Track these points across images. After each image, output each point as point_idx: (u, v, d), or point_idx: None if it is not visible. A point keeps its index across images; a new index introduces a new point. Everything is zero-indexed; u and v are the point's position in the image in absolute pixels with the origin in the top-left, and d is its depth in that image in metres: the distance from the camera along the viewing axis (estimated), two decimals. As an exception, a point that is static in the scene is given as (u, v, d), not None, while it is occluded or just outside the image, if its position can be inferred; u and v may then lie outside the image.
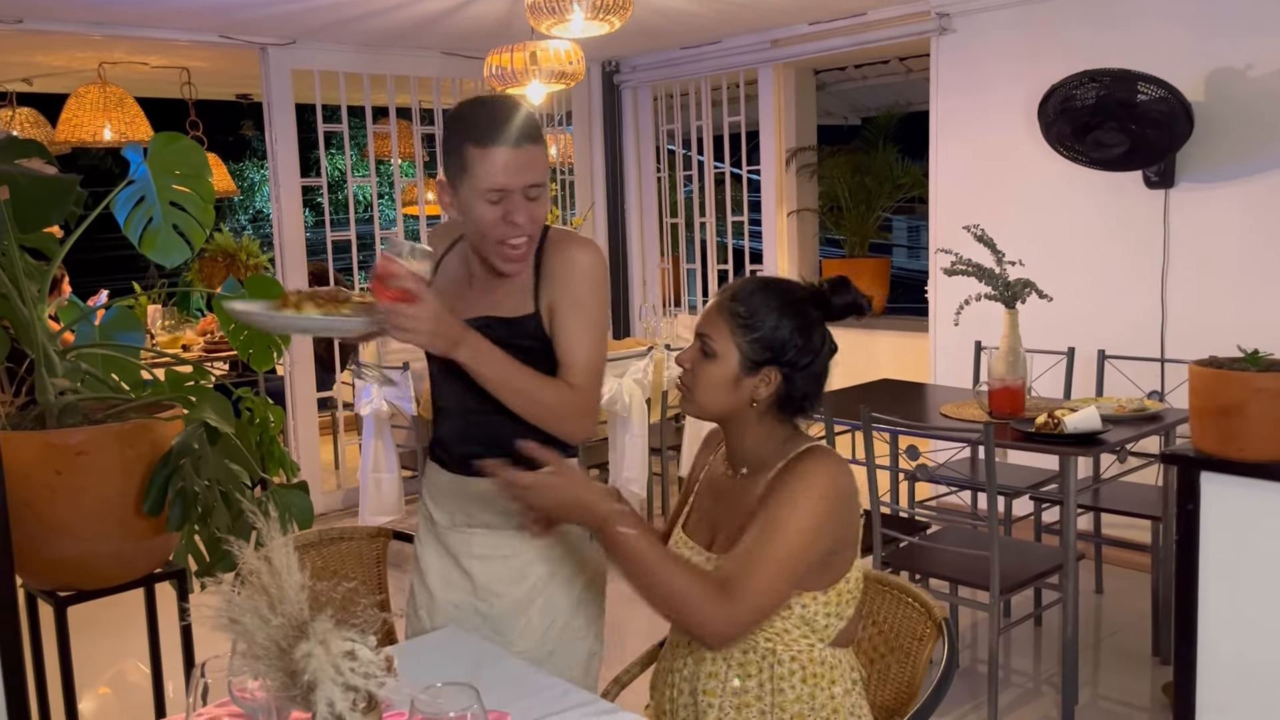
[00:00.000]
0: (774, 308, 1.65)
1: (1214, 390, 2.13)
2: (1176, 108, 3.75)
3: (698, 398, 1.69)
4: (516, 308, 1.83)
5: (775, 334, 1.64)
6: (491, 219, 1.73)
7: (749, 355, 1.65)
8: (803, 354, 1.65)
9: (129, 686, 3.58)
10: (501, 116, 1.72)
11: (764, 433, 1.70)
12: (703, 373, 1.67)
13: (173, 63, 5.61)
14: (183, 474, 2.25)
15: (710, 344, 1.67)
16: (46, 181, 2.24)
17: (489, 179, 1.70)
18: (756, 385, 1.66)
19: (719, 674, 1.68)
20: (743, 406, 1.68)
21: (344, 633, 1.09)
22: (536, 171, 1.73)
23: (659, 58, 6.03)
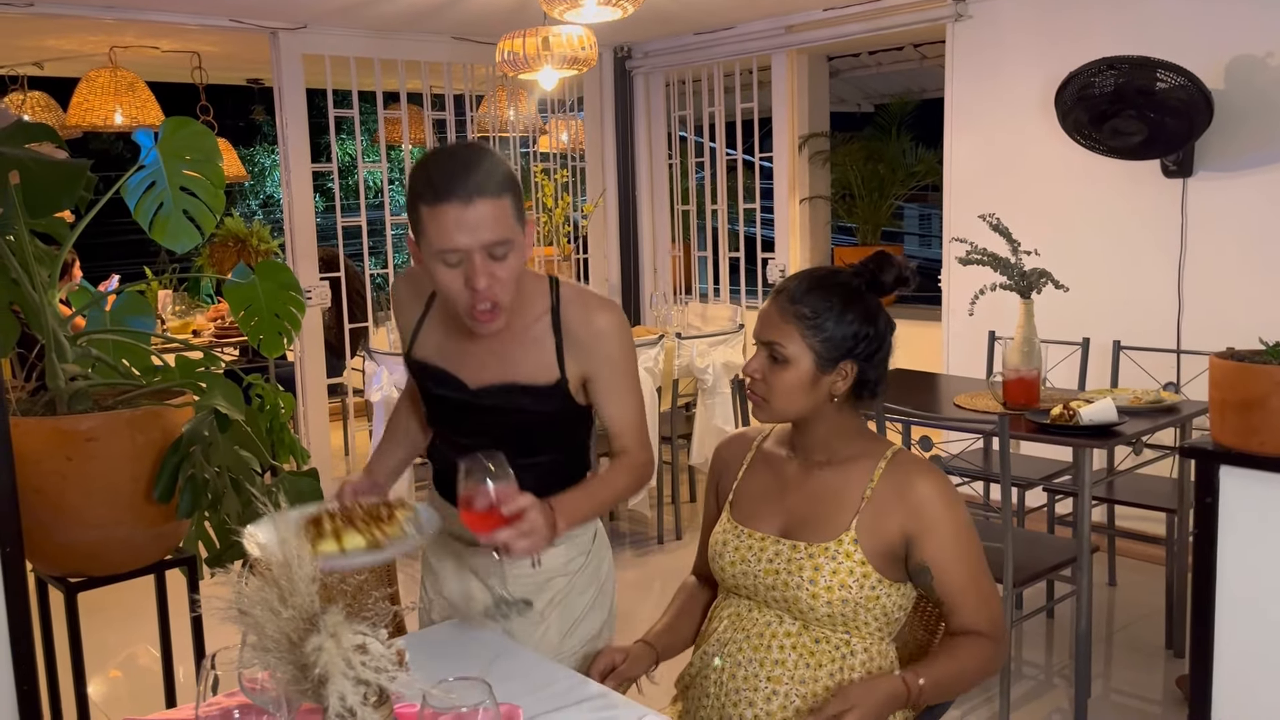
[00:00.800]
0: (836, 303, 1.66)
1: (1234, 383, 2.10)
2: (1196, 96, 3.70)
3: (776, 405, 1.70)
4: (540, 374, 1.75)
5: (845, 329, 1.66)
6: (450, 283, 1.60)
7: (823, 354, 1.66)
8: (873, 342, 1.68)
9: (139, 671, 3.59)
10: (452, 170, 1.57)
11: (839, 423, 1.73)
12: (777, 380, 1.68)
13: (183, 47, 5.60)
14: (193, 461, 2.24)
15: (780, 350, 1.67)
16: (57, 166, 2.23)
17: (440, 239, 1.57)
18: (834, 381, 1.67)
19: (785, 661, 1.68)
20: (821, 402, 1.69)
21: (355, 626, 1.08)
22: (496, 228, 1.57)
23: (672, 43, 5.99)
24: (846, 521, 1.67)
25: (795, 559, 1.67)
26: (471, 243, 1.57)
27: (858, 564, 1.65)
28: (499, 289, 1.61)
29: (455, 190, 1.55)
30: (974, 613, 1.68)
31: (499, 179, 1.59)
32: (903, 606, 1.71)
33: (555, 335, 1.74)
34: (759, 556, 1.72)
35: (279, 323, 2.68)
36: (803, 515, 1.72)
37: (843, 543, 1.66)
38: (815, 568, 1.65)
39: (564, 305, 1.76)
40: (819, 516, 1.70)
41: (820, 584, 1.65)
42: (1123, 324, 4.10)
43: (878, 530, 1.66)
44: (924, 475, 1.67)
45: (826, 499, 1.71)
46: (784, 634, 1.69)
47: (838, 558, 1.65)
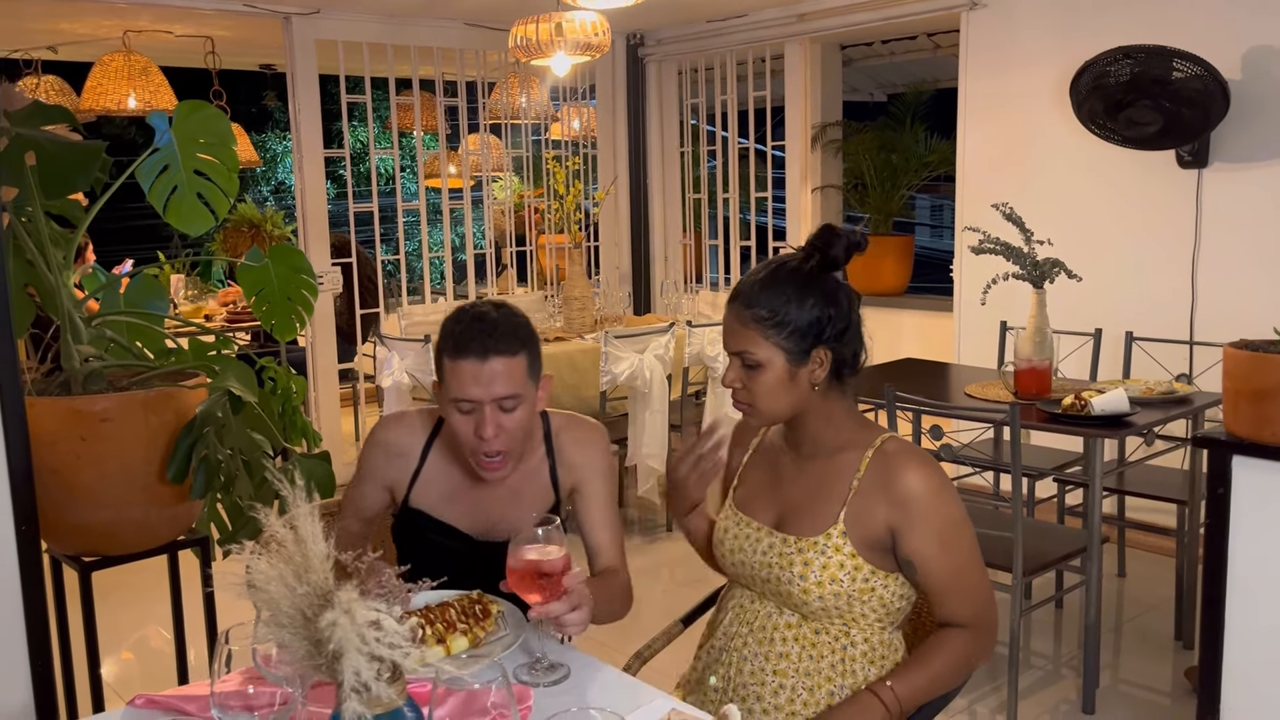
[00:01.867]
0: (791, 294, 1.63)
1: (1249, 373, 2.10)
2: (1213, 86, 3.68)
3: (762, 408, 1.68)
4: (539, 504, 1.89)
5: (808, 317, 1.63)
6: (462, 430, 1.76)
7: (792, 349, 1.64)
8: (838, 322, 1.65)
9: (152, 652, 3.61)
10: (475, 330, 1.74)
11: (828, 410, 1.70)
12: (756, 385, 1.66)
13: (197, 31, 5.60)
14: (206, 442, 2.25)
15: (751, 356, 1.65)
16: (73, 147, 2.24)
17: (456, 389, 1.74)
18: (812, 370, 1.65)
19: (789, 654, 1.68)
20: (806, 395, 1.67)
21: (369, 602, 1.08)
22: (508, 383, 1.73)
23: (684, 31, 5.98)
24: (834, 514, 1.65)
25: (786, 553, 1.67)
26: (483, 395, 1.73)
27: (848, 557, 1.63)
28: (506, 439, 1.76)
29: (474, 348, 1.73)
30: (957, 606, 1.66)
31: (516, 339, 1.76)
32: (904, 596, 1.69)
33: (549, 459, 1.91)
34: (755, 547, 1.72)
35: (291, 306, 2.69)
36: (795, 507, 1.71)
37: (831, 536, 1.64)
38: (805, 562, 1.64)
39: (556, 432, 1.93)
40: (809, 509, 1.68)
41: (811, 579, 1.63)
42: (1135, 315, 4.09)
43: (865, 522, 1.64)
44: (910, 466, 1.63)
45: (817, 491, 1.69)
46: (785, 625, 1.69)
47: (827, 551, 1.64)
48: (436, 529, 1.91)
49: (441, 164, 6.01)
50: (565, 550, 1.54)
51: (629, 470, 4.97)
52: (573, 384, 4.51)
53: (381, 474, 1.94)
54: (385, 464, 1.94)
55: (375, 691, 1.05)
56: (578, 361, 4.54)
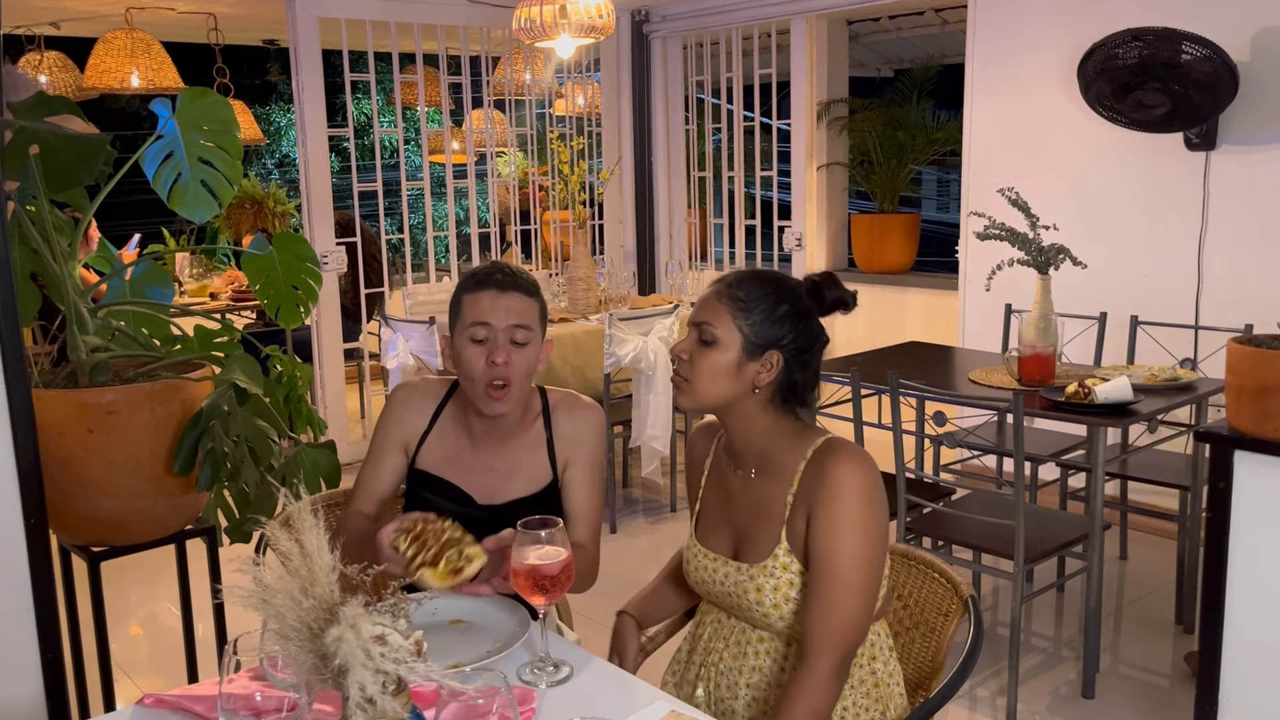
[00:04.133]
0: (771, 294, 1.65)
1: (1252, 369, 2.10)
2: (1221, 68, 3.65)
3: (698, 387, 1.66)
4: (538, 478, 1.95)
5: (776, 318, 1.64)
6: (473, 359, 1.85)
7: (751, 339, 1.64)
8: (802, 338, 1.65)
9: (160, 632, 3.65)
10: (496, 268, 1.89)
11: (769, 424, 1.68)
12: (703, 361, 1.65)
13: (200, 8, 5.57)
14: (212, 434, 2.26)
15: (711, 330, 1.65)
16: (76, 140, 2.23)
17: (473, 316, 1.85)
18: (759, 370, 1.65)
19: (762, 668, 1.69)
20: (744, 394, 1.66)
21: (374, 617, 1.09)
22: (522, 315, 1.86)
23: (690, 7, 5.93)
24: (777, 534, 1.64)
25: (740, 581, 1.67)
26: (499, 322, 1.84)
27: (796, 575, 1.63)
28: (513, 371, 1.84)
29: (495, 280, 1.87)
30: (815, 620, 1.57)
31: (532, 286, 1.90)
32: None
33: (547, 432, 1.96)
34: (714, 577, 1.73)
35: (296, 294, 2.69)
36: (744, 532, 1.70)
37: (777, 557, 1.64)
38: (758, 588, 1.64)
39: (553, 407, 1.99)
40: (756, 533, 1.68)
41: (767, 602, 1.64)
42: (1141, 299, 4.08)
43: (798, 529, 1.62)
44: (840, 457, 1.60)
45: (760, 513, 1.68)
46: (757, 639, 1.70)
47: (775, 574, 1.63)
48: (441, 489, 1.95)
49: (445, 139, 5.99)
50: (567, 552, 1.55)
51: (633, 452, 4.99)
52: (577, 365, 4.51)
53: (398, 431, 1.99)
54: (400, 419, 1.99)
55: (381, 705, 1.07)
56: (583, 343, 4.55)
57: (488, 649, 1.57)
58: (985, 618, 3.61)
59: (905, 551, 1.97)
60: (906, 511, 3.20)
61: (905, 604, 1.95)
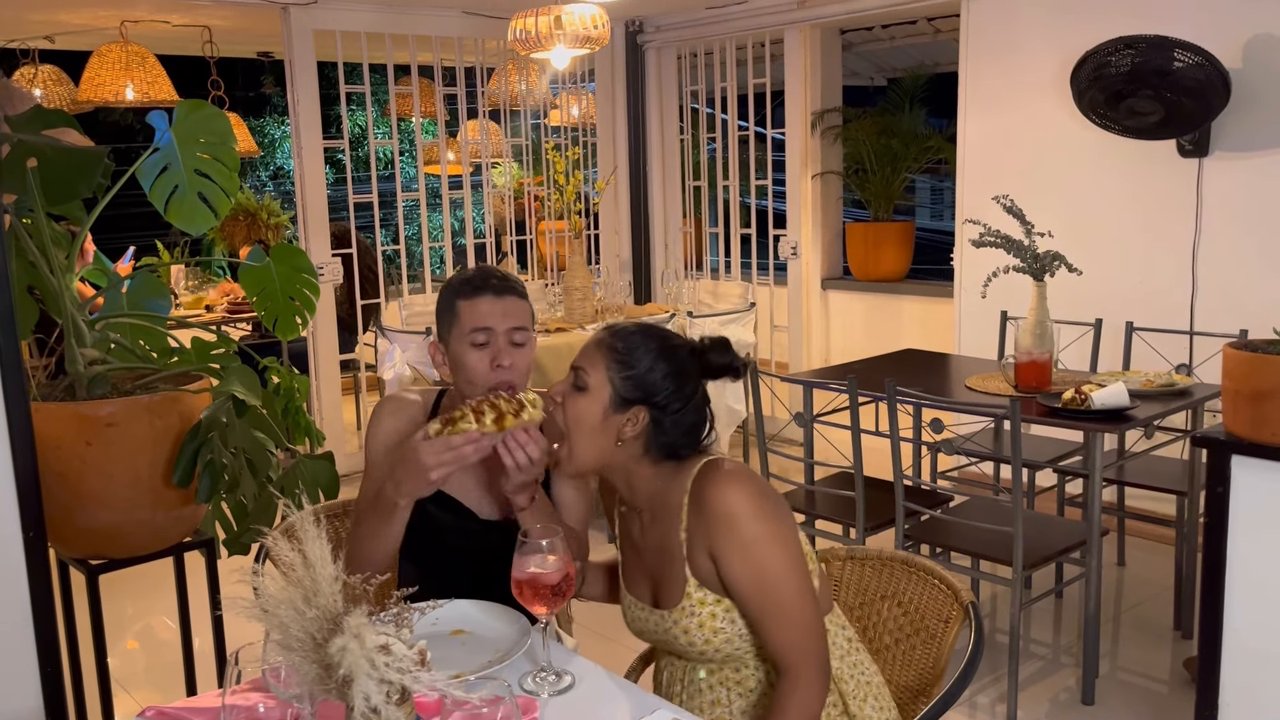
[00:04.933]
0: (651, 350, 1.65)
1: (1248, 373, 2.11)
2: (1213, 75, 3.67)
3: (573, 447, 1.66)
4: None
5: (648, 375, 1.64)
6: (477, 365, 1.85)
7: (620, 391, 1.64)
8: (673, 399, 1.65)
9: (157, 644, 3.64)
10: (488, 273, 1.92)
11: (649, 473, 1.69)
12: (572, 406, 1.66)
13: (194, 21, 5.58)
14: (211, 447, 2.26)
15: (584, 377, 1.66)
16: (74, 153, 2.24)
17: (474, 321, 1.85)
18: (623, 424, 1.64)
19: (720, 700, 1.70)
20: (609, 447, 1.66)
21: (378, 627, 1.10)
22: (519, 317, 1.88)
23: (683, 17, 5.95)
24: (682, 573, 1.64)
25: (666, 627, 1.67)
26: (500, 326, 1.86)
27: (714, 604, 1.62)
28: (516, 374, 1.86)
29: (492, 284, 1.89)
30: (778, 637, 1.58)
31: (523, 288, 1.93)
32: None
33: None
34: (646, 626, 1.73)
35: (294, 306, 2.69)
36: (656, 579, 1.71)
37: (690, 595, 1.63)
38: (684, 630, 1.64)
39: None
40: (664, 578, 1.68)
41: (698, 642, 1.64)
42: (1136, 304, 4.09)
43: (702, 563, 1.62)
44: (715, 484, 1.60)
45: (662, 556, 1.68)
46: (706, 673, 1.71)
47: (695, 612, 1.63)
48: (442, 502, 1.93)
49: (441, 150, 6.00)
50: (568, 561, 1.55)
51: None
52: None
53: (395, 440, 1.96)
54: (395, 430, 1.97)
55: (385, 715, 1.07)
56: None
57: (490, 658, 1.57)
58: (984, 624, 3.60)
59: (905, 559, 1.97)
60: (905, 519, 3.20)
61: (905, 611, 1.95)
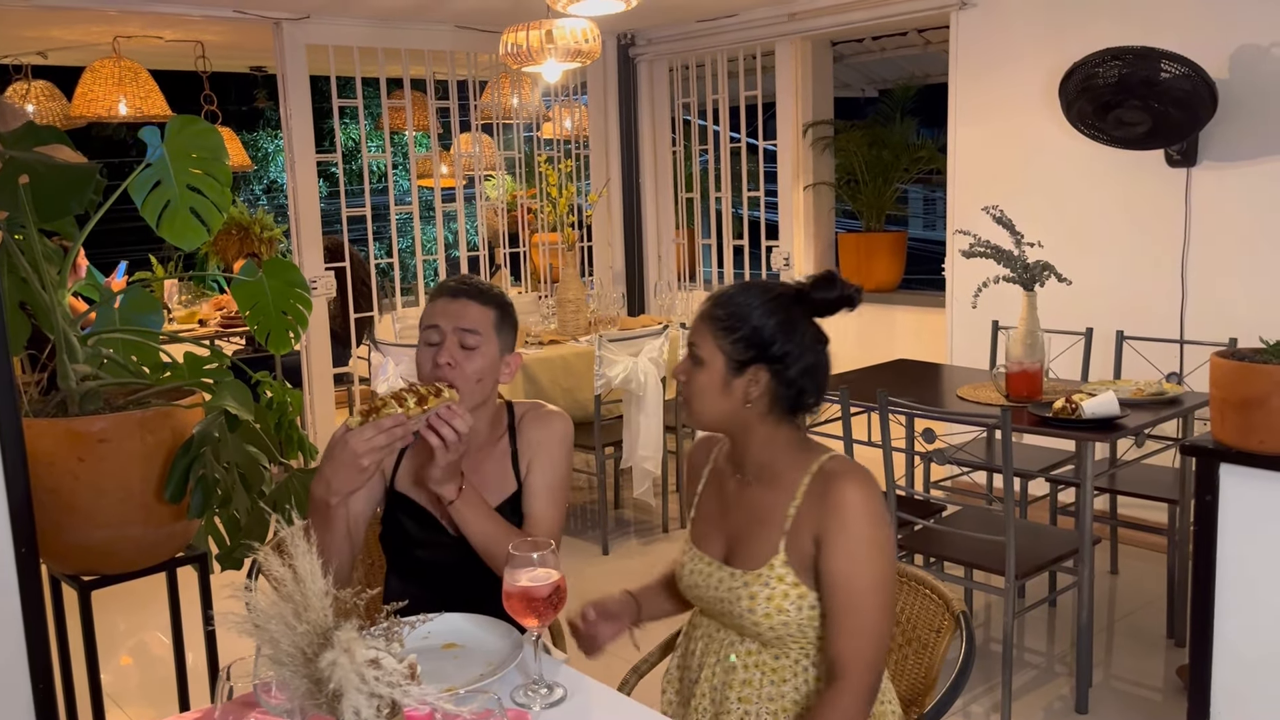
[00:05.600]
0: (754, 306, 1.65)
1: (1235, 382, 2.12)
2: (1200, 86, 3.70)
3: (694, 406, 1.70)
4: (504, 489, 1.95)
5: (757, 332, 1.64)
6: (424, 360, 1.89)
7: (733, 356, 1.65)
8: (787, 349, 1.64)
9: (150, 660, 3.63)
10: (456, 278, 1.97)
11: (768, 436, 1.69)
12: (694, 381, 1.68)
13: (187, 36, 5.59)
14: (203, 461, 2.26)
15: (697, 351, 1.68)
16: (66, 169, 2.24)
17: (428, 318, 1.91)
18: (746, 386, 1.65)
19: (751, 681, 1.69)
20: (738, 409, 1.67)
21: (368, 641, 1.10)
22: (471, 320, 1.88)
23: (675, 30, 5.98)
24: (775, 544, 1.65)
25: (734, 587, 1.67)
26: (448, 325, 1.88)
27: (790, 586, 1.63)
28: (458, 375, 1.86)
29: (450, 287, 1.93)
30: (845, 642, 1.59)
31: (491, 296, 1.93)
32: None
33: (512, 444, 1.98)
34: (708, 581, 1.73)
35: (286, 320, 2.70)
36: (739, 537, 1.71)
37: (774, 567, 1.64)
38: (751, 595, 1.64)
39: (519, 418, 2.01)
40: (751, 539, 1.68)
41: (759, 611, 1.64)
42: (1126, 313, 4.11)
43: (801, 545, 1.63)
44: (844, 480, 1.61)
45: (758, 519, 1.69)
46: (745, 653, 1.71)
47: (770, 583, 1.64)
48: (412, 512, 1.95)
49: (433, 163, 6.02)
50: (559, 574, 1.56)
51: (624, 473, 5.00)
52: (568, 387, 4.52)
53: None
54: None
55: (375, 729, 1.07)
56: (572, 365, 4.56)
57: (481, 671, 1.58)
58: (977, 634, 3.61)
59: (897, 569, 1.98)
60: (898, 529, 3.21)
61: (897, 621, 1.95)
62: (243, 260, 6.19)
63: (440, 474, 1.78)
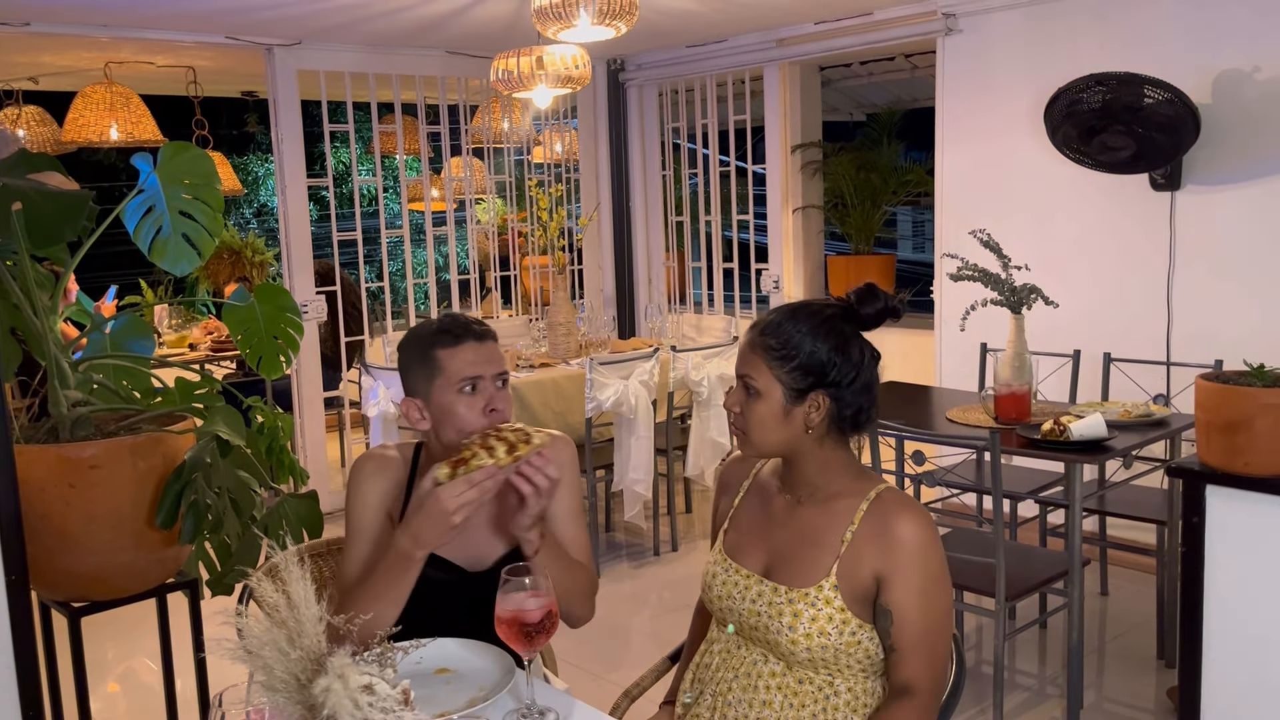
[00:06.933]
0: (805, 332, 1.65)
1: (1220, 405, 2.14)
2: (1183, 111, 3.75)
3: (753, 438, 1.69)
4: None
5: (813, 358, 1.64)
6: (468, 411, 1.82)
7: (792, 385, 1.64)
8: (845, 371, 1.65)
9: (139, 688, 3.61)
10: (461, 320, 1.89)
11: (825, 458, 1.70)
12: (752, 413, 1.67)
13: (179, 62, 5.62)
14: (195, 487, 2.26)
15: (752, 383, 1.67)
16: (59, 197, 2.25)
17: (459, 371, 1.82)
18: (808, 412, 1.65)
19: (772, 703, 1.69)
20: (799, 435, 1.67)
21: (361, 666, 1.10)
22: (500, 360, 1.88)
23: (665, 56, 6.03)
24: (827, 566, 1.65)
25: (776, 602, 1.66)
26: (487, 370, 1.84)
27: (837, 610, 1.63)
28: (505, 416, 1.85)
29: (473, 330, 1.86)
30: (918, 669, 1.63)
31: (494, 332, 1.91)
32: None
33: None
34: (744, 594, 1.72)
35: (277, 345, 2.70)
36: (786, 554, 1.70)
37: (823, 589, 1.64)
38: (795, 614, 1.64)
39: None
40: (801, 558, 1.68)
41: (800, 630, 1.63)
42: (1113, 336, 4.14)
43: (856, 574, 1.63)
44: (905, 516, 1.63)
45: (809, 539, 1.69)
46: (769, 674, 1.70)
47: (817, 604, 1.63)
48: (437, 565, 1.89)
49: (424, 187, 6.04)
50: (551, 599, 1.56)
51: (615, 496, 5.00)
52: (559, 410, 4.53)
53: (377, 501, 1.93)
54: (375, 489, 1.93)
55: (369, 755, 1.08)
56: (563, 388, 4.57)
57: (473, 697, 1.58)
58: (968, 656, 3.62)
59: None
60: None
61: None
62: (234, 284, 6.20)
63: (529, 521, 1.74)
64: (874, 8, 4.90)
